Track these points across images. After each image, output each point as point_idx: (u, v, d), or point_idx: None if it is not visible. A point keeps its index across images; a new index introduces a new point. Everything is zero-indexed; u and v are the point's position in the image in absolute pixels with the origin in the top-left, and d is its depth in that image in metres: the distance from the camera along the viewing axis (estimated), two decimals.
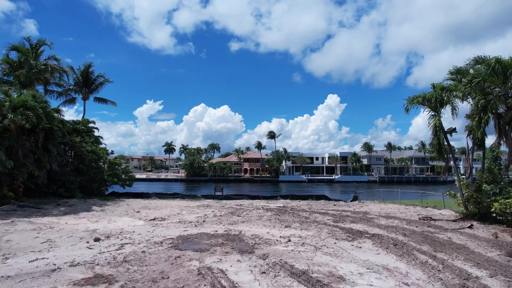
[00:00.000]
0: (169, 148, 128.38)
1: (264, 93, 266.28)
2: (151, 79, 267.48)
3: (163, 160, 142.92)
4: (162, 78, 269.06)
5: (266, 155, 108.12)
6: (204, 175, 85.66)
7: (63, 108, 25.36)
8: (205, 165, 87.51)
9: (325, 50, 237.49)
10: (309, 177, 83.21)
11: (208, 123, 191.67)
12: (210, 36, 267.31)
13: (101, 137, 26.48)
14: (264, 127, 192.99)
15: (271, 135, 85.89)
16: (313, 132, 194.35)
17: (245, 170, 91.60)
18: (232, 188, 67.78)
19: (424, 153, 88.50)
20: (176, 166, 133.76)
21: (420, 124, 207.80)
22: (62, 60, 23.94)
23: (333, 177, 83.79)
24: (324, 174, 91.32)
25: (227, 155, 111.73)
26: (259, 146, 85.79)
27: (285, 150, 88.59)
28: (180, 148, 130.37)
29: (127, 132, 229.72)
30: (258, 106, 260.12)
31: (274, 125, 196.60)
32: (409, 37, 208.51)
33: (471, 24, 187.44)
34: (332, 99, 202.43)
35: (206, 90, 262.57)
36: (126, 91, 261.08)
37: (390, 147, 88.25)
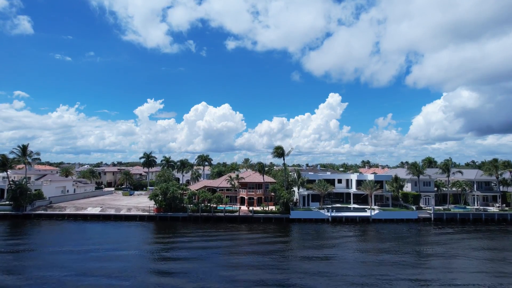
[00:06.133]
0: (148, 161, 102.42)
1: (264, 92, 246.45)
2: (152, 77, 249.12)
3: (143, 174, 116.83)
4: (163, 77, 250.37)
5: (275, 165, 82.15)
6: (182, 208, 59.60)
7: None
8: (184, 194, 61.40)
9: (324, 49, 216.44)
10: (333, 214, 57.09)
11: (209, 121, 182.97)
12: (207, 34, 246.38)
13: None
14: (265, 126, 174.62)
15: (279, 153, 59.05)
16: (314, 131, 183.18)
17: (242, 200, 65.53)
18: (218, 238, 41.07)
19: (497, 176, 61.91)
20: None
21: (421, 124, 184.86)
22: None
23: (368, 214, 57.68)
24: (352, 205, 65.26)
25: (219, 173, 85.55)
26: (261, 168, 59.36)
27: (299, 174, 61.94)
28: (162, 161, 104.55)
29: (128, 131, 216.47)
30: (259, 105, 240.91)
31: (275, 123, 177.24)
32: (408, 35, 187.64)
33: (471, 22, 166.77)
34: (334, 98, 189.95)
35: (207, 88, 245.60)
36: (126, 90, 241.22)
37: (447, 168, 61.46)
